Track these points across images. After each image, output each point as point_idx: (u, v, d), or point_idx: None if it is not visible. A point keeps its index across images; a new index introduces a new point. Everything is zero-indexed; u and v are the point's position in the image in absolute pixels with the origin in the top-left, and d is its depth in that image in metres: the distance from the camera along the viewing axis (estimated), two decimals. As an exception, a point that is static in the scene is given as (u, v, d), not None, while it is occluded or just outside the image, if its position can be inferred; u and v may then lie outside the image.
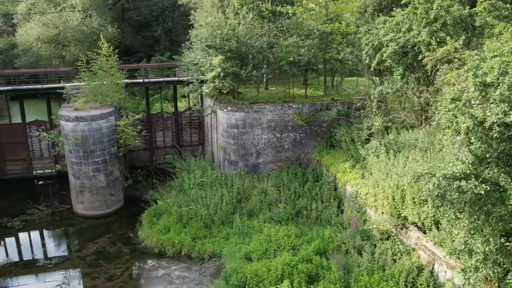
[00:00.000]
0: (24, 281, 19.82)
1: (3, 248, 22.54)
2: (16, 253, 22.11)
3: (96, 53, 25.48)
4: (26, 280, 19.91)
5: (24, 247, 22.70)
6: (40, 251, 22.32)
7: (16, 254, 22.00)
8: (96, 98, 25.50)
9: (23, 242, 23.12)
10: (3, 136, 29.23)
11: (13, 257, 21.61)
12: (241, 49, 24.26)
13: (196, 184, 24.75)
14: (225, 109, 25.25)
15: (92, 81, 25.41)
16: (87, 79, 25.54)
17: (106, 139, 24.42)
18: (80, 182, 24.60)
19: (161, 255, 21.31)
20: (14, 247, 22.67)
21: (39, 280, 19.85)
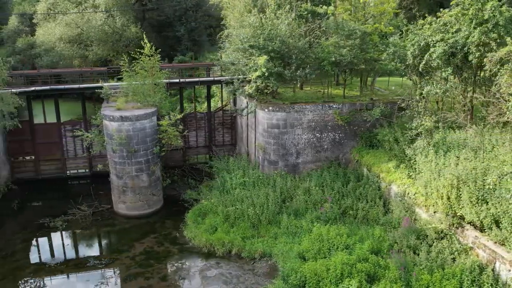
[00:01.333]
0: (77, 281, 19.80)
1: (51, 247, 22.52)
2: (64, 253, 22.05)
3: (139, 52, 25.47)
4: (79, 279, 19.89)
5: (72, 247, 22.69)
6: (87, 251, 22.29)
7: (65, 254, 21.95)
8: (137, 98, 25.49)
9: (69, 242, 23.12)
10: (38, 136, 29.16)
11: (62, 257, 21.55)
12: (284, 49, 24.34)
13: (238, 184, 24.80)
14: (266, 109, 25.31)
15: (133, 80, 25.38)
16: (129, 79, 25.51)
17: (149, 139, 24.42)
18: (122, 182, 24.58)
19: (211, 254, 21.33)
20: (61, 247, 22.63)
21: (92, 280, 19.79)
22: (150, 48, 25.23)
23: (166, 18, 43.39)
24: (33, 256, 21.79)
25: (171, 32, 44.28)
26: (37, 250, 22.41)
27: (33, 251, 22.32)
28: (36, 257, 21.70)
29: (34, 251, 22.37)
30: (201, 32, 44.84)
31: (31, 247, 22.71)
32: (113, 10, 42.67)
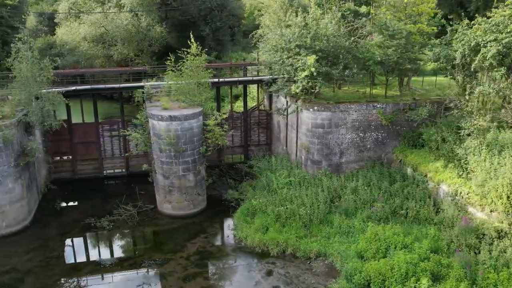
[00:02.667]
0: (136, 280, 19.72)
1: (103, 248, 22.45)
2: (117, 253, 21.97)
3: (186, 52, 25.42)
4: (137, 279, 19.80)
5: (123, 247, 22.60)
6: (140, 251, 22.14)
7: (118, 254, 21.87)
8: (182, 97, 25.44)
9: (120, 242, 23.02)
10: (75, 135, 29.04)
11: (116, 257, 21.46)
12: (330, 48, 24.38)
13: (284, 184, 24.80)
14: (311, 108, 25.33)
15: (179, 80, 25.32)
16: (176, 78, 25.45)
17: (196, 139, 24.38)
18: (169, 182, 24.52)
19: (265, 254, 21.30)
20: (113, 247, 22.55)
21: (151, 280, 19.74)
22: (196, 47, 25.16)
23: (191, 18, 43.28)
24: (87, 256, 21.70)
25: (195, 32, 44.06)
26: (89, 250, 22.32)
27: (85, 251, 22.23)
28: (89, 257, 21.62)
29: (86, 251, 22.29)
30: (225, 32, 44.78)
31: (82, 247, 22.64)
32: (138, 10, 42.55)
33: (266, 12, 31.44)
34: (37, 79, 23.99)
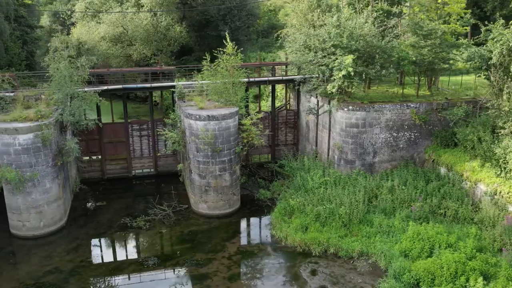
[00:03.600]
0: (182, 280, 19.70)
1: (143, 247, 22.37)
2: (158, 252, 21.89)
3: (222, 52, 25.41)
4: (183, 279, 19.78)
5: (164, 247, 22.51)
6: (181, 250, 21.98)
7: (159, 253, 21.79)
8: (216, 97, 25.42)
9: (159, 242, 22.92)
10: (105, 135, 28.95)
11: (157, 257, 21.36)
12: (366, 48, 24.43)
13: (319, 183, 24.82)
14: (346, 108, 25.37)
15: (214, 79, 25.30)
16: (212, 78, 25.44)
17: (232, 138, 24.38)
18: (205, 182, 24.50)
19: (307, 254, 21.31)
20: (153, 247, 22.48)
21: (198, 279, 19.69)
22: (232, 47, 25.15)
23: (210, 17, 43.24)
24: (128, 256, 21.64)
25: (213, 32, 44.16)
26: (130, 250, 22.24)
27: (125, 251, 22.17)
28: (131, 257, 21.54)
29: (126, 251, 22.22)
30: (244, 32, 44.76)
31: (122, 247, 22.59)
32: (158, 10, 42.48)
33: (293, 12, 31.41)
34: (74, 79, 23.91)
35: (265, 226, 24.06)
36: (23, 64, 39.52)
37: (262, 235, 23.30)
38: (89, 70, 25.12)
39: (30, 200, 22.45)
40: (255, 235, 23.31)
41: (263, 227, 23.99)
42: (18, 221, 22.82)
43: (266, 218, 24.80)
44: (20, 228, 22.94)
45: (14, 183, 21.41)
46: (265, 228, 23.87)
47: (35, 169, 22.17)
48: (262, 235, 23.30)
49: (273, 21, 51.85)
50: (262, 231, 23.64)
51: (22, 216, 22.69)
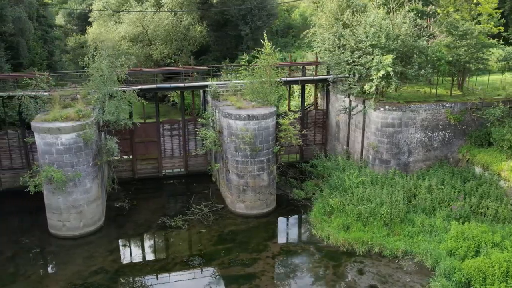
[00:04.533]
0: (229, 279, 19.67)
1: (185, 247, 22.27)
2: (201, 252, 21.76)
3: (259, 51, 25.40)
4: (230, 278, 19.75)
5: (206, 247, 22.23)
6: (224, 250, 21.90)
7: (202, 253, 21.65)
8: (252, 96, 25.41)
9: (201, 242, 22.68)
10: (136, 135, 28.87)
11: (201, 256, 21.26)
12: (403, 48, 24.50)
13: (356, 183, 24.86)
14: (382, 108, 25.42)
15: (253, 79, 25.29)
16: (249, 77, 25.43)
17: (271, 138, 24.40)
18: (244, 181, 24.49)
19: (351, 253, 21.34)
20: (195, 246, 22.34)
21: (246, 279, 19.67)
22: (270, 47, 25.16)
23: (231, 17, 43.22)
24: (171, 256, 21.55)
25: (233, 31, 44.15)
26: (172, 250, 22.12)
27: (168, 251, 22.09)
28: (175, 256, 21.45)
29: (168, 250, 22.14)
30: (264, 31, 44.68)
31: (164, 247, 22.53)
32: (178, 10, 42.42)
33: (322, 11, 31.45)
34: (114, 78, 23.85)
35: (303, 225, 24.06)
36: (45, 63, 39.43)
37: (303, 234, 23.29)
38: (132, 70, 25.01)
39: (70, 200, 22.38)
40: (295, 234, 23.32)
41: (302, 227, 23.99)
42: (58, 221, 22.74)
43: (304, 217, 24.81)
44: (60, 228, 22.85)
45: (57, 183, 21.31)
46: (304, 227, 23.87)
47: (77, 169, 22.10)
48: (303, 234, 23.29)
49: (289, 21, 51.88)
50: (302, 231, 23.64)
51: (63, 216, 22.62)
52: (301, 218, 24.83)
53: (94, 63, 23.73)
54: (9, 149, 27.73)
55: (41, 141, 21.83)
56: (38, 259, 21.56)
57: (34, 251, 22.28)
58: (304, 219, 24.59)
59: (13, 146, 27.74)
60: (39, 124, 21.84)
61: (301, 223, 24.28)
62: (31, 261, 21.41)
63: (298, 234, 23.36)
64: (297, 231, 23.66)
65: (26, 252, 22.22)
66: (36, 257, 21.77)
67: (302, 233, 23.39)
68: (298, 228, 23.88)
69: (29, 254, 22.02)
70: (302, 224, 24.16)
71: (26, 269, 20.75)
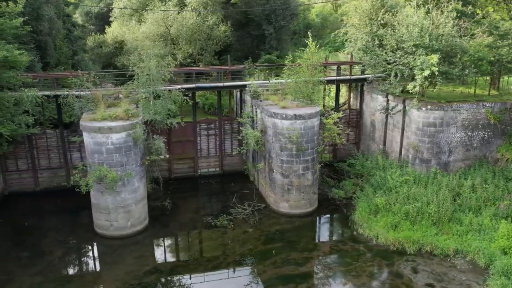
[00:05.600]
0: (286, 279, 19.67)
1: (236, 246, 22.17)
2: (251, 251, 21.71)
3: (302, 50, 25.46)
4: (286, 278, 19.75)
5: (256, 246, 22.12)
6: (276, 249, 21.81)
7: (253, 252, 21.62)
8: (294, 96, 25.43)
9: (249, 241, 22.53)
10: (173, 135, 28.82)
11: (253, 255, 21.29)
12: (447, 48, 24.61)
13: (400, 182, 24.94)
14: (424, 107, 25.52)
15: (297, 78, 25.32)
16: (293, 77, 25.47)
17: (315, 137, 24.43)
18: (288, 181, 24.51)
19: (401, 252, 21.39)
20: (246, 246, 22.16)
21: (301, 278, 19.73)
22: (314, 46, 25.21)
23: (254, 17, 43.23)
24: (223, 255, 21.49)
25: (255, 31, 44.16)
26: (222, 249, 22.01)
27: (218, 250, 21.98)
28: (226, 256, 21.40)
29: (218, 250, 22.03)
30: (287, 31, 44.87)
31: (214, 246, 22.43)
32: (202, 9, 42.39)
33: (355, 11, 31.47)
34: (160, 77, 23.83)
35: (348, 225, 24.05)
36: (70, 62, 39.25)
37: (350, 233, 23.28)
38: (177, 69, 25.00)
39: (119, 200, 22.33)
40: (342, 234, 23.34)
41: (347, 226, 23.97)
42: (106, 220, 22.68)
43: (347, 216, 24.84)
44: (108, 228, 22.79)
45: (109, 182, 21.26)
46: (350, 226, 23.85)
47: (126, 168, 22.05)
48: (350, 233, 23.28)
49: (307, 20, 51.98)
50: (348, 230, 23.62)
51: (111, 216, 22.55)
52: (345, 217, 24.84)
53: (141, 62, 23.66)
54: (47, 148, 27.63)
55: (90, 141, 21.77)
56: (89, 259, 21.56)
57: (84, 251, 22.28)
58: (349, 218, 24.61)
59: (51, 146, 27.64)
60: (89, 123, 21.77)
61: (346, 222, 24.28)
62: (82, 261, 21.39)
63: (345, 233, 23.37)
64: (344, 230, 23.68)
65: (76, 252, 22.20)
66: (86, 256, 21.76)
67: (349, 232, 23.39)
68: (344, 227, 23.89)
69: (78, 254, 22.02)
70: (347, 223, 24.15)
71: (79, 269, 20.74)
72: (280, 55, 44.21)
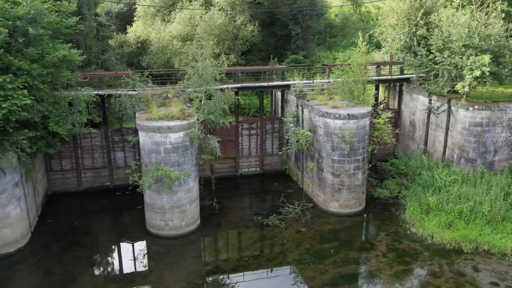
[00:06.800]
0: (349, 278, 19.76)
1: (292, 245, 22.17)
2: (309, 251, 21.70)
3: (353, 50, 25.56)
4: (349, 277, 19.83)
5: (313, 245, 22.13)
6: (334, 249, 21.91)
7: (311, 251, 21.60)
8: (345, 95, 25.51)
9: (305, 241, 22.54)
10: (216, 134, 28.69)
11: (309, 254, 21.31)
12: (495, 48, 24.78)
13: (449, 182, 25.07)
14: (471, 107, 25.68)
15: (347, 78, 25.40)
16: (343, 76, 25.55)
17: (366, 137, 24.51)
18: (339, 180, 24.58)
19: (458, 251, 21.51)
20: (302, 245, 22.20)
21: (362, 277, 19.84)
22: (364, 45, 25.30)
23: (282, 16, 43.23)
24: (282, 254, 21.48)
25: (282, 31, 44.15)
26: (279, 248, 21.96)
27: (276, 250, 21.95)
28: (285, 255, 21.37)
29: (277, 249, 21.97)
30: (313, 31, 44.92)
31: (270, 246, 22.44)
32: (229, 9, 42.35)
33: (393, 11, 31.62)
34: (216, 77, 23.85)
35: (400, 224, 24.13)
36: (99, 62, 39.10)
37: (403, 233, 23.34)
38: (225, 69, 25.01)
39: (175, 199, 22.29)
40: (397, 233, 23.35)
41: (399, 225, 24.03)
42: (161, 220, 22.63)
43: (396, 216, 24.93)
44: (163, 227, 22.75)
45: (168, 182, 21.23)
46: (401, 226, 23.90)
47: (182, 168, 22.03)
48: (403, 233, 23.34)
49: (329, 20, 52.10)
50: (401, 229, 23.66)
51: (166, 216, 22.51)
52: (394, 216, 24.93)
53: (196, 62, 23.65)
54: (91, 148, 27.54)
55: (148, 140, 21.72)
56: (147, 259, 21.46)
57: (140, 251, 22.22)
58: (398, 217, 24.70)
59: (95, 146, 27.55)
60: (147, 123, 21.73)
61: (397, 221, 24.37)
62: (140, 260, 21.33)
63: (399, 233, 23.40)
64: (396, 229, 23.73)
65: (131, 251, 22.20)
66: (143, 256, 21.69)
67: (402, 232, 23.45)
68: (396, 227, 23.93)
69: (135, 254, 21.98)
70: (398, 223, 24.24)
71: (138, 269, 20.68)
72: (306, 55, 44.27)
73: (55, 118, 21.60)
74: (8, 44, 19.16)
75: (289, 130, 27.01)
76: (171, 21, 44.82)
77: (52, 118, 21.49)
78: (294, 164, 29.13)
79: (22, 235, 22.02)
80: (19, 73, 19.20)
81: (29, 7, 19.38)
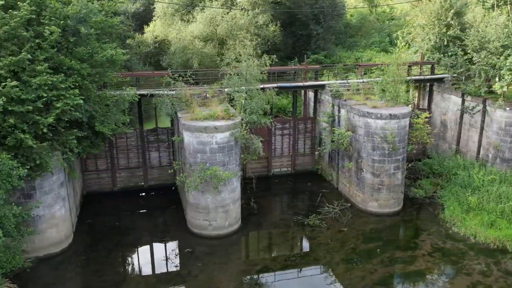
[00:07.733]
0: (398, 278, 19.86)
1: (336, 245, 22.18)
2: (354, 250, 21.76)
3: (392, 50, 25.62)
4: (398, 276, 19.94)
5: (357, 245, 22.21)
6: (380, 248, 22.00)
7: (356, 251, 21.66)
8: (384, 95, 25.57)
9: (349, 240, 22.60)
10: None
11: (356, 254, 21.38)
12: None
13: (487, 181, 25.20)
14: (508, 107, 25.82)
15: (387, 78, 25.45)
16: (383, 76, 25.61)
17: (406, 137, 24.60)
18: (379, 180, 24.64)
19: (503, 250, 21.61)
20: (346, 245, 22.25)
21: (414, 276, 19.90)
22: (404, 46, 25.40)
23: (303, 17, 43.25)
24: (328, 254, 21.48)
25: (302, 30, 44.17)
26: (325, 248, 21.95)
27: (322, 249, 21.94)
28: (331, 255, 21.38)
29: (322, 249, 21.97)
30: (334, 31, 44.94)
31: (315, 245, 22.42)
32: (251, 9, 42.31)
33: (423, 12, 31.73)
34: (258, 77, 23.87)
35: (440, 223, 24.19)
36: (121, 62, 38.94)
37: (445, 232, 23.42)
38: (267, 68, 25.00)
39: (219, 199, 22.28)
40: (438, 233, 23.38)
41: (439, 225, 24.09)
42: (205, 220, 22.61)
43: (435, 215, 24.98)
44: (206, 227, 22.73)
45: (215, 181, 21.22)
46: (442, 225, 23.97)
47: (227, 167, 22.01)
48: (445, 232, 23.42)
49: (347, 20, 52.13)
50: (442, 229, 23.72)
51: (210, 216, 22.49)
52: (434, 216, 24.98)
53: (237, 62, 23.65)
54: (126, 148, 27.48)
55: (194, 140, 21.70)
56: (195, 259, 21.35)
57: (184, 250, 22.16)
58: (438, 217, 24.76)
59: (130, 146, 27.49)
60: (193, 123, 21.71)
61: (437, 221, 24.42)
62: (186, 260, 21.28)
63: (441, 232, 23.44)
64: (437, 229, 23.77)
65: (176, 251, 22.14)
66: (191, 257, 21.60)
67: (443, 231, 23.51)
68: (436, 226, 23.97)
69: (180, 254, 21.93)
70: (438, 222, 24.29)
71: (189, 269, 20.60)
72: (327, 55, 44.30)
73: (100, 118, 21.54)
74: (59, 44, 19.12)
75: (324, 130, 27.03)
76: (190, 21, 44.72)
77: (98, 118, 21.43)
78: (328, 164, 29.17)
79: (66, 236, 21.95)
80: (69, 73, 19.18)
81: (80, 6, 19.32)
